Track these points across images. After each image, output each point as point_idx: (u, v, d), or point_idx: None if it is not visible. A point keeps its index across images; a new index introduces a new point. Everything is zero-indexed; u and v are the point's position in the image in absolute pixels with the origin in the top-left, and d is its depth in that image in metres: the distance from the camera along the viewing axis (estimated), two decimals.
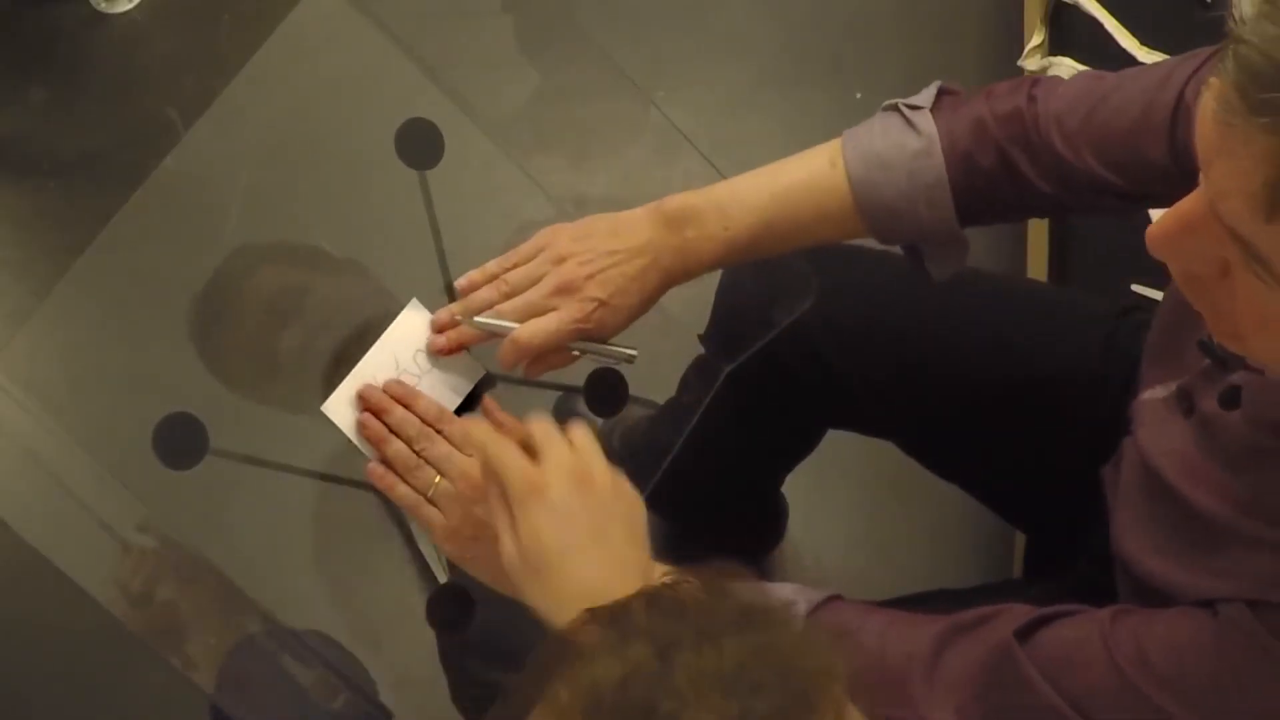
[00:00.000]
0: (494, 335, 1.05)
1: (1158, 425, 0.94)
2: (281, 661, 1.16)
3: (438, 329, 1.07)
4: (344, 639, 1.20)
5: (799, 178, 1.06)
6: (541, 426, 0.94)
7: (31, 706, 1.68)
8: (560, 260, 1.04)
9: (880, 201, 1.04)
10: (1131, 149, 0.99)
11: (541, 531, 0.88)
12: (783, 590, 0.95)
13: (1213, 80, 0.64)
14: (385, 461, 1.02)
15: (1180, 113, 0.96)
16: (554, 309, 1.03)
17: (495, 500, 0.92)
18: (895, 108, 1.06)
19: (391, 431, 1.03)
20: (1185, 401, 0.91)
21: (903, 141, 1.04)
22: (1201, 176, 0.68)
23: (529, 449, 0.93)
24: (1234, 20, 0.63)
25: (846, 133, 1.07)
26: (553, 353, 1.05)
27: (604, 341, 1.06)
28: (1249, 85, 0.61)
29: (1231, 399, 0.85)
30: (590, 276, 1.03)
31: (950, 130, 1.04)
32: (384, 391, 1.04)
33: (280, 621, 1.13)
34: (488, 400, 1.06)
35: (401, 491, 1.01)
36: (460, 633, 1.10)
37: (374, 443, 1.02)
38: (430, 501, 1.00)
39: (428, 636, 1.20)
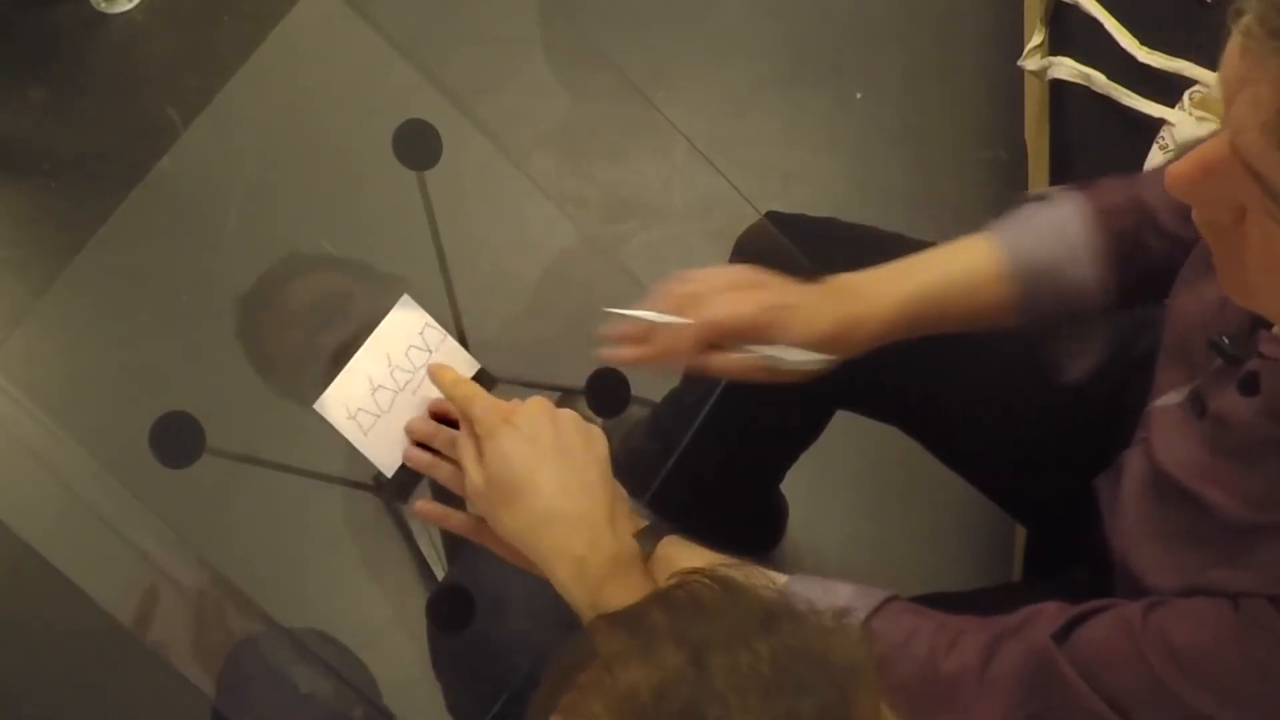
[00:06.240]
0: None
1: (1170, 431, 0.94)
2: (281, 662, 1.16)
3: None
4: (344, 639, 1.20)
5: (947, 251, 1.09)
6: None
7: (31, 707, 1.67)
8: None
9: (1029, 260, 1.06)
10: None
11: (509, 454, 0.90)
12: (842, 591, 0.95)
13: (1241, 16, 0.65)
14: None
15: None
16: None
17: (463, 438, 0.93)
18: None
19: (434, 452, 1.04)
20: (1197, 404, 0.91)
21: (1045, 212, 1.08)
22: (1223, 117, 0.69)
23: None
24: None
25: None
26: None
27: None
28: (1270, 12, 0.63)
29: (1250, 385, 0.85)
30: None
31: (1088, 196, 1.08)
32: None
33: (280, 621, 1.13)
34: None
35: (444, 471, 1.02)
36: (460, 632, 1.10)
37: (422, 470, 1.03)
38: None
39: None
